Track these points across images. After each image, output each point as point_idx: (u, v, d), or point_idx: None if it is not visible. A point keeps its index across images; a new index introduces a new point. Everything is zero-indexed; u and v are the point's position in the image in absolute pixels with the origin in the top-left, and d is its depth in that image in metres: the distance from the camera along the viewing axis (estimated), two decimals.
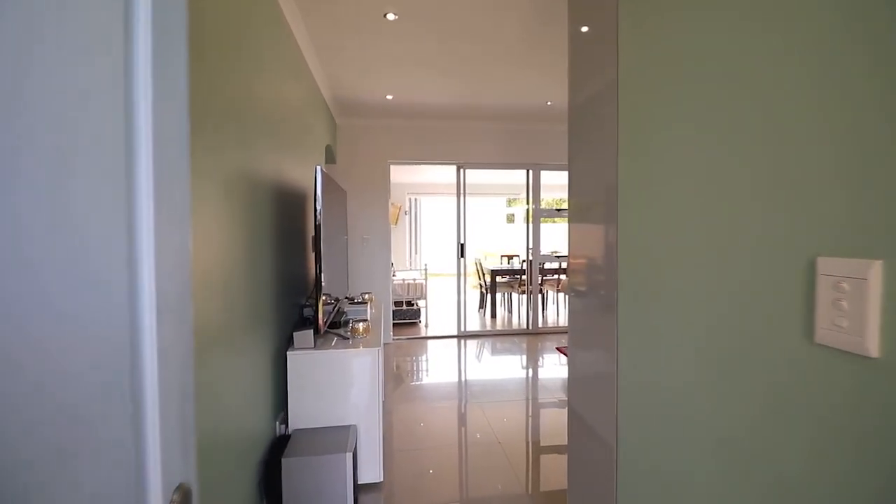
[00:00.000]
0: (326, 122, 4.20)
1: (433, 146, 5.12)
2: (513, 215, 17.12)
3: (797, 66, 0.68)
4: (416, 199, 9.60)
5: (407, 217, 9.24)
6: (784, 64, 0.70)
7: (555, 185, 8.31)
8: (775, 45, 0.72)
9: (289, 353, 2.13)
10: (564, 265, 6.41)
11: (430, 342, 5.19)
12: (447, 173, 7.67)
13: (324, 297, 2.21)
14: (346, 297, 3.39)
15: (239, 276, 1.63)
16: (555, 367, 4.26)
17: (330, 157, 4.74)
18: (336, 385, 2.16)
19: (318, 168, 2.17)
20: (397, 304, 5.98)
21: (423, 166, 7.18)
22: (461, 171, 5.29)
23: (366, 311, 2.89)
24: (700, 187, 0.90)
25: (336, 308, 2.79)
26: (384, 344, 4.88)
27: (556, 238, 8.70)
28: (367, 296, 3.36)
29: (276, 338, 2.16)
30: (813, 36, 0.65)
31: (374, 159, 5.03)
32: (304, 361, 2.14)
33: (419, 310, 6.09)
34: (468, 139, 5.18)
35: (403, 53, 3.24)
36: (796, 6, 0.68)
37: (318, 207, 2.16)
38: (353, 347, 2.22)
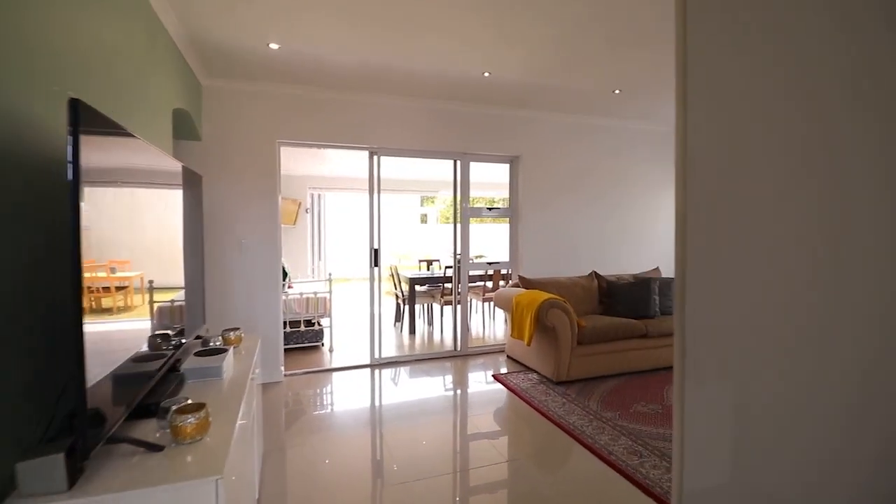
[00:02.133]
0: (178, 78, 2.90)
1: (339, 125, 3.99)
2: (426, 216, 16.32)
3: None
4: (319, 195, 8.27)
5: (309, 216, 7.89)
6: None
7: (484, 182, 7.56)
8: None
9: None
10: (492, 272, 5.64)
11: (335, 375, 4.06)
12: (357, 163, 6.56)
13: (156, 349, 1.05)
14: (199, 337, 2.18)
15: None
16: (497, 409, 3.40)
17: (186, 130, 3.40)
18: None
19: (73, 100, 1.01)
20: (293, 324, 4.74)
21: (327, 153, 5.98)
22: (375, 158, 4.23)
23: (219, 369, 1.74)
24: None
25: (163, 368, 1.62)
26: (276, 382, 3.69)
27: (483, 241, 7.97)
28: (232, 334, 2.18)
29: None
30: None
31: (259, 138, 3.77)
32: None
33: (322, 331, 4.90)
34: (384, 119, 4.13)
35: None
36: None
37: (74, 177, 1.01)
38: (167, 482, 1.09)
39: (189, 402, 1.33)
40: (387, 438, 2.90)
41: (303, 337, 4.77)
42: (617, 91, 3.96)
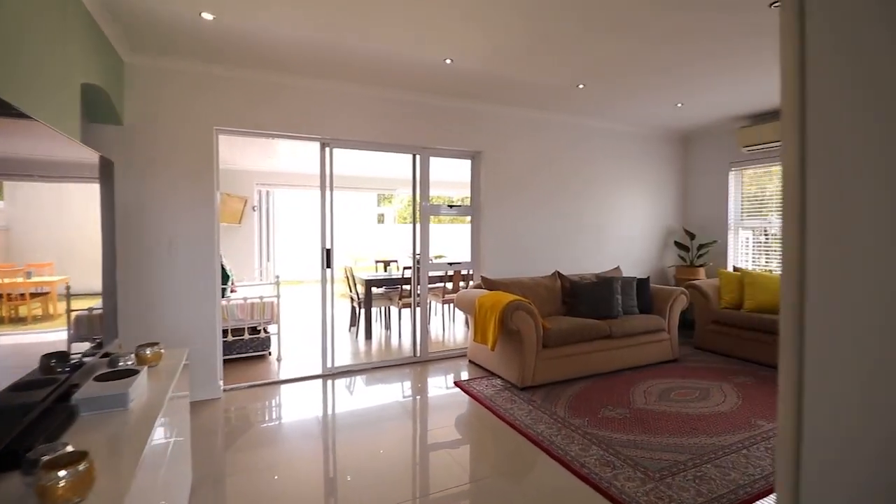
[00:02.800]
0: (92, 51, 2.47)
1: (287, 113, 3.64)
2: (383, 215, 15.93)
3: None
4: (268, 192, 7.76)
5: (256, 214, 7.37)
6: None
7: (444, 181, 7.33)
8: None
9: None
10: (452, 273, 5.43)
11: (283, 388, 3.69)
12: (309, 157, 6.15)
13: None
14: (108, 355, 1.81)
15: None
16: (460, 420, 3.18)
17: (103, 112, 2.95)
18: None
19: None
20: (235, 332, 4.31)
21: (276, 146, 5.55)
22: (327, 150, 3.90)
23: (123, 397, 1.41)
24: None
25: (49, 398, 1.27)
26: (213, 398, 3.28)
27: (443, 241, 7.75)
28: (148, 351, 1.82)
29: None
30: None
31: (193, 124, 3.35)
32: None
33: (268, 338, 4.49)
34: (337, 108, 3.82)
35: None
36: None
37: None
38: None
39: (68, 449, 1.01)
40: (340, 457, 2.60)
41: (247, 346, 4.35)
42: (581, 86, 3.85)
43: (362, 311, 5.40)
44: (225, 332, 4.18)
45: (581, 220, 5.14)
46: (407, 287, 5.37)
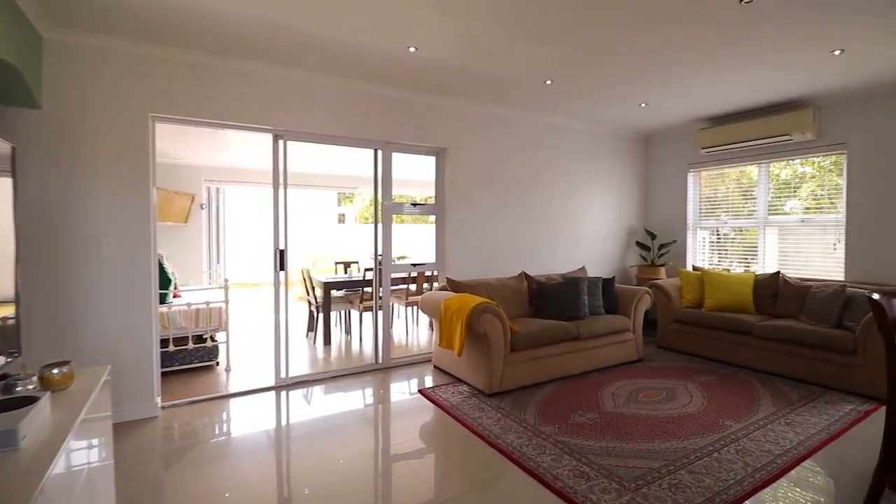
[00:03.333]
0: None
1: (236, 101, 3.33)
2: (343, 215, 15.48)
3: None
4: (218, 189, 7.27)
5: (205, 212, 6.88)
6: None
7: (406, 179, 7.12)
8: None
9: None
10: (415, 274, 5.24)
11: (232, 402, 3.38)
12: (264, 152, 5.75)
13: None
14: (3, 378, 1.50)
15: None
16: (426, 432, 2.99)
17: (15, 93, 2.56)
18: None
19: None
20: (178, 341, 3.93)
21: (227, 139, 5.17)
22: (280, 143, 3.62)
23: (12, 435, 1.13)
24: None
25: None
26: (149, 417, 2.84)
27: (406, 241, 7.53)
28: (55, 372, 1.52)
29: None
30: None
31: (125, 109, 2.99)
32: None
33: (216, 347, 4.14)
34: (292, 97, 3.54)
35: None
36: None
37: None
38: None
39: None
40: (295, 474, 2.35)
41: (191, 356, 3.98)
42: (549, 81, 3.76)
43: (320, 315, 5.11)
44: (166, 342, 3.80)
45: (548, 219, 5.08)
46: (368, 289, 5.13)
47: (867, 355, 3.33)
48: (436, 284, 5.45)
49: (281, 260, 3.63)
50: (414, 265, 4.46)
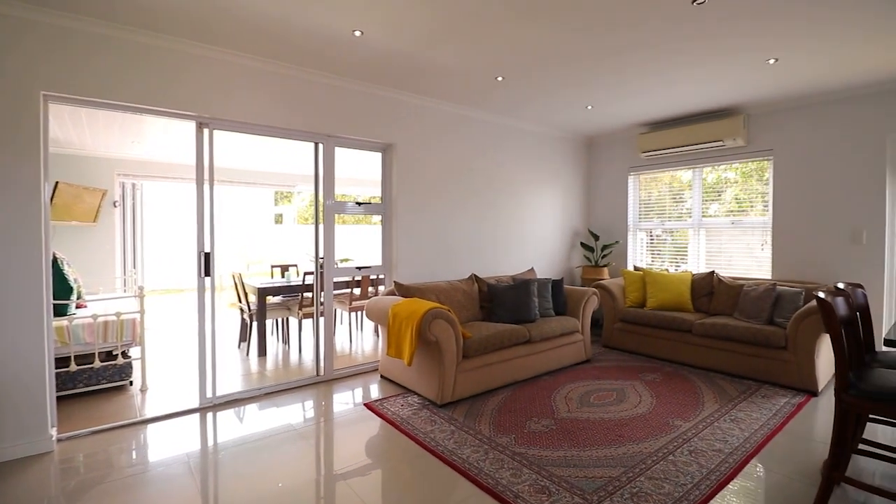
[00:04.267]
0: None
1: (151, 81, 2.90)
2: (281, 215, 14.68)
3: None
4: (134, 185, 6.52)
5: (118, 211, 6.13)
6: None
7: (349, 178, 6.77)
8: None
9: None
10: (359, 277, 4.96)
11: (149, 429, 2.93)
12: (186, 143, 5.18)
13: None
14: None
15: None
16: (374, 450, 2.74)
17: None
18: None
19: None
20: (81, 359, 3.39)
21: (145, 127, 4.61)
22: (205, 132, 3.21)
23: None
24: None
25: None
26: (40, 454, 2.34)
27: (349, 244, 7.19)
28: None
29: None
30: None
31: (8, 87, 2.49)
32: None
33: (129, 365, 3.62)
34: (220, 80, 3.15)
35: None
36: None
37: None
38: None
39: None
40: None
41: (98, 376, 3.45)
42: (500, 78, 3.65)
43: (254, 323, 4.68)
44: (65, 361, 3.26)
45: (497, 221, 4.99)
46: (309, 295, 4.77)
47: (797, 350, 3.52)
48: (381, 288, 5.20)
49: (206, 264, 3.23)
50: (359, 268, 4.18)
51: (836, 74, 3.57)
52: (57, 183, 5.03)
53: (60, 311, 3.42)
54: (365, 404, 3.30)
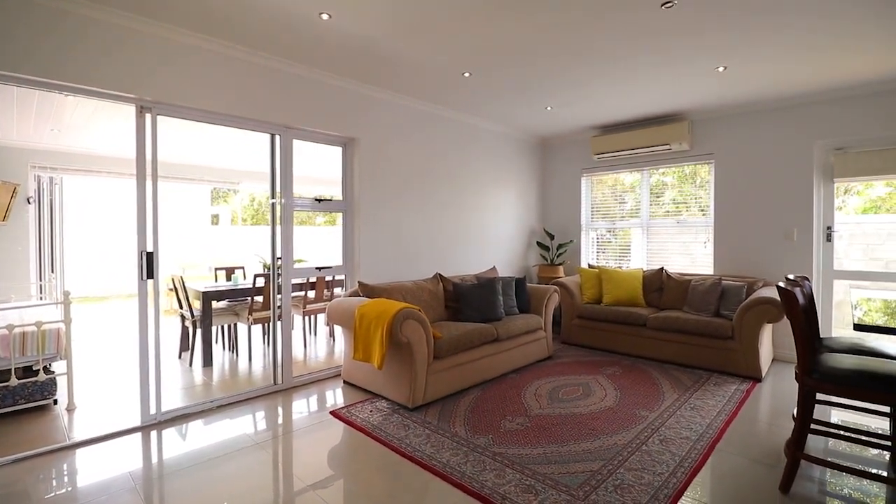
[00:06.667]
0: None
1: (79, 55, 2.55)
2: (217, 216, 13.74)
3: None
4: (52, 179, 5.80)
5: (33, 208, 5.42)
6: None
7: (306, 176, 6.40)
8: None
9: None
10: (314, 279, 4.72)
11: (78, 454, 2.57)
12: (117, 130, 4.62)
13: None
14: None
15: None
16: (345, 461, 2.58)
17: None
18: None
19: None
20: None
21: (65, 111, 4.10)
22: (148, 117, 2.89)
23: None
24: None
25: None
26: None
27: (303, 244, 6.83)
28: None
29: None
30: None
31: None
32: None
33: (53, 381, 3.17)
34: (166, 60, 2.84)
35: None
36: None
37: None
38: None
39: None
40: None
41: (15, 395, 2.99)
42: (467, 74, 3.61)
43: (198, 331, 4.30)
44: None
45: (460, 220, 4.95)
46: (259, 298, 4.46)
47: (742, 339, 3.76)
48: (338, 290, 4.97)
49: (149, 265, 2.90)
50: (319, 269, 3.96)
51: (774, 85, 3.87)
52: None
53: None
54: (331, 412, 3.11)
